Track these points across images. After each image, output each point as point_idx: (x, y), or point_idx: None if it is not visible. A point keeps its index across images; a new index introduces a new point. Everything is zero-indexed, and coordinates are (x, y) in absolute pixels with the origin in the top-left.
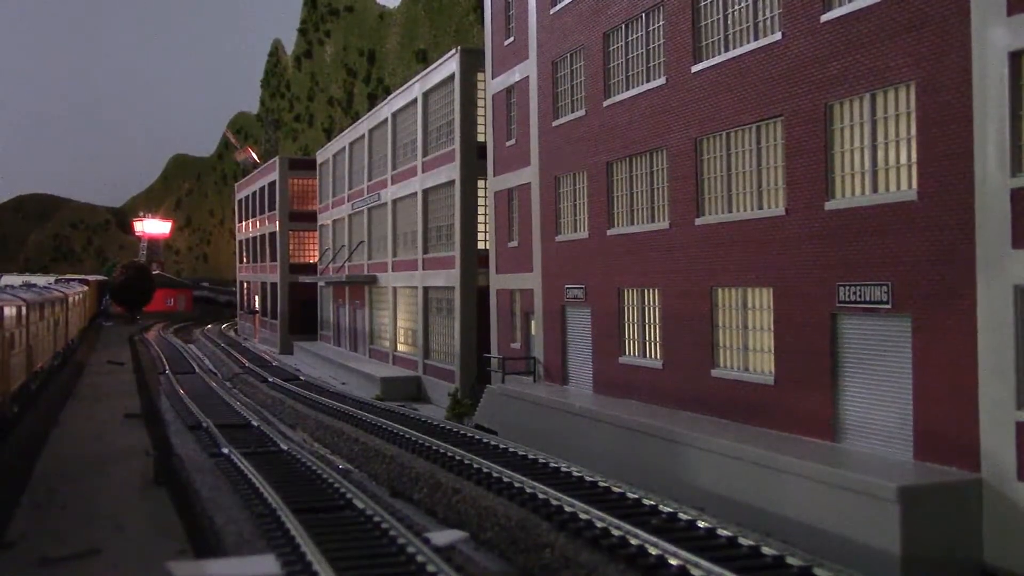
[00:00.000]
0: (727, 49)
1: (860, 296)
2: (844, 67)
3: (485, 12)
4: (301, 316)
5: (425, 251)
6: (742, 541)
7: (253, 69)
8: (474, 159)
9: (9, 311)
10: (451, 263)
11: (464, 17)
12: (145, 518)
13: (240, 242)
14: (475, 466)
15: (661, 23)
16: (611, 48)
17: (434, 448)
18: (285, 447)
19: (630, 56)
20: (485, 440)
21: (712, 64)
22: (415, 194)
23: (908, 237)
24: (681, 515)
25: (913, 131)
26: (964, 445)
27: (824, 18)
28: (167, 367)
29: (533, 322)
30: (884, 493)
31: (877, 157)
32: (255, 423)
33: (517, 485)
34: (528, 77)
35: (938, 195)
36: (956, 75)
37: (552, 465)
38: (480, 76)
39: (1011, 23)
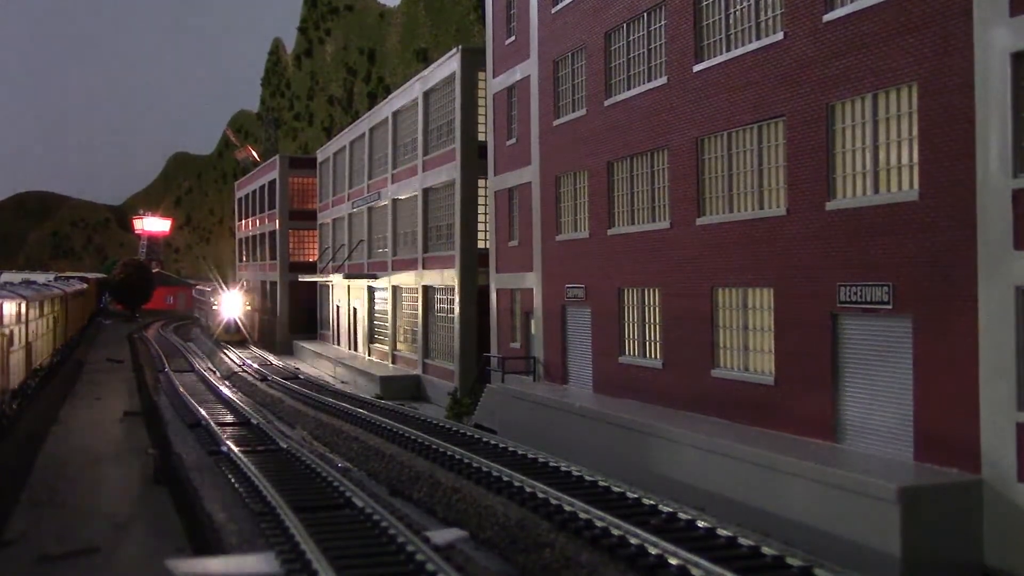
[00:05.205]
0: (729, 49)
1: (861, 296)
2: (846, 67)
3: (486, 11)
4: (301, 315)
5: (425, 250)
6: (742, 541)
7: (254, 67)
8: (475, 158)
9: (8, 308)
10: (451, 262)
11: (465, 16)
12: (144, 516)
13: (240, 241)
14: (475, 465)
15: (663, 22)
16: (612, 47)
17: (434, 447)
18: (284, 445)
19: (631, 55)
20: (485, 439)
21: (714, 64)
22: (415, 193)
23: (909, 238)
24: (681, 515)
25: (915, 132)
26: (965, 446)
27: (826, 18)
28: (166, 365)
29: (533, 322)
30: (884, 494)
31: (879, 157)
32: (254, 421)
33: (517, 484)
34: (529, 76)
35: (939, 196)
36: (958, 76)
37: (552, 464)
38: (481, 75)
39: (1013, 24)
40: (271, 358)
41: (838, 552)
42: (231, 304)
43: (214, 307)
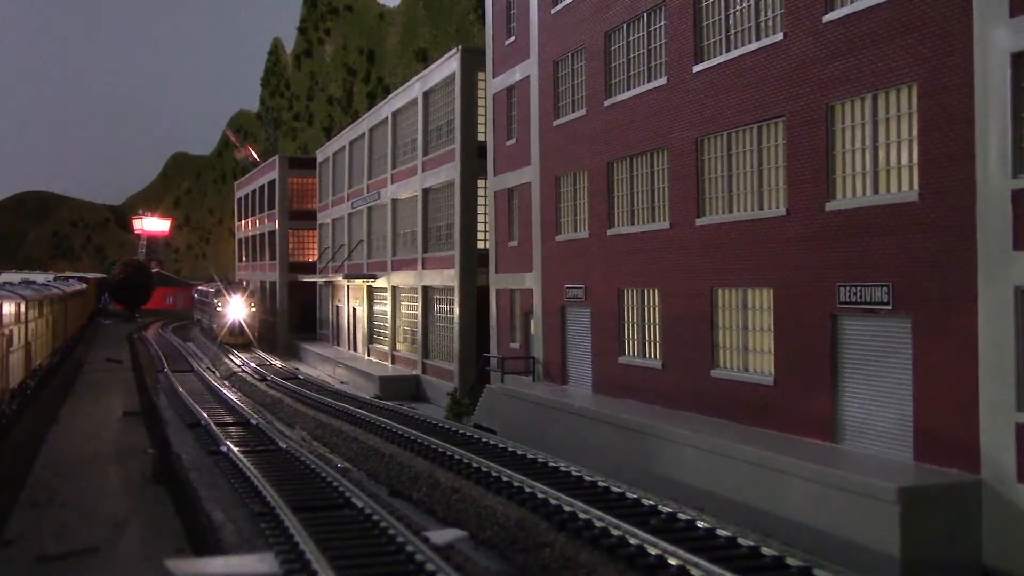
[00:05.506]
0: (728, 49)
1: (860, 297)
2: (846, 68)
3: (486, 11)
4: (300, 315)
5: (425, 250)
6: (741, 541)
7: (253, 68)
8: (474, 158)
9: (8, 308)
10: (451, 263)
11: (465, 16)
12: (144, 516)
13: (239, 241)
14: (474, 465)
15: (662, 23)
16: (612, 48)
17: (433, 447)
18: (284, 445)
19: (631, 56)
20: (484, 439)
21: (713, 64)
22: (415, 193)
23: (909, 238)
24: (680, 515)
25: (914, 132)
26: (964, 446)
27: (826, 18)
28: (166, 365)
29: (533, 322)
30: (884, 494)
31: (878, 158)
32: (254, 421)
33: (516, 484)
34: (529, 76)
35: (939, 196)
36: (958, 76)
37: (551, 464)
38: (481, 75)
39: (1013, 24)
40: (273, 359)
41: (838, 552)
42: (235, 306)
43: (217, 308)
